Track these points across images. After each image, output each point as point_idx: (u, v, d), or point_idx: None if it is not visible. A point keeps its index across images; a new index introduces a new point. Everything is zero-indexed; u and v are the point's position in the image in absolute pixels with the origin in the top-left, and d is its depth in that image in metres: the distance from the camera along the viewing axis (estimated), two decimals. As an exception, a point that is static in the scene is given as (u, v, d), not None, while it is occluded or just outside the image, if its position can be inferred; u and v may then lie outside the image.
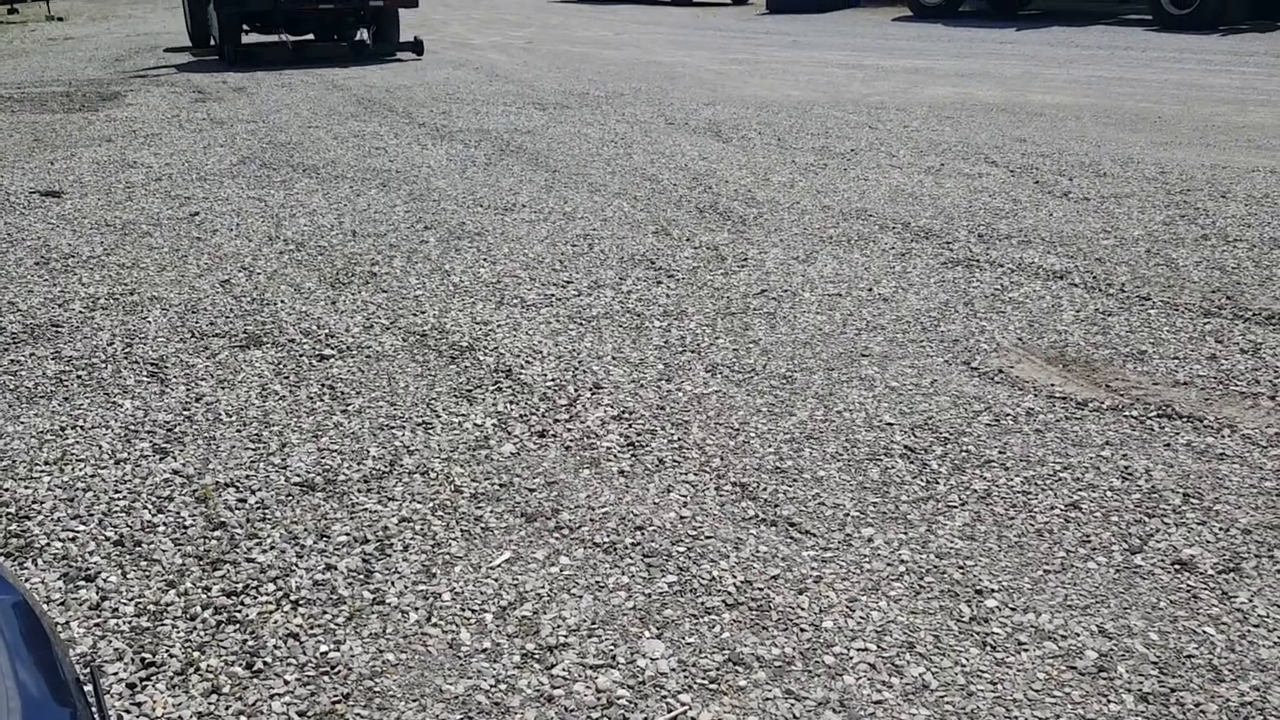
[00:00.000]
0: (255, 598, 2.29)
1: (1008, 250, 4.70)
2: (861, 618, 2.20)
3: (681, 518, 2.58)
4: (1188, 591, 2.28)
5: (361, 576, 2.36)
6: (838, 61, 12.53)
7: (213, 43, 14.13)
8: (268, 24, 13.03)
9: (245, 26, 13.12)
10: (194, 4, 14.55)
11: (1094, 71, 10.97)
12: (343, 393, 3.32)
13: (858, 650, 2.10)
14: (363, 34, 13.52)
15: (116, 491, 2.73)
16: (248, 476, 2.80)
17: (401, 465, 2.86)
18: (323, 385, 3.39)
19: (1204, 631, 2.15)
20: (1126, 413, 3.11)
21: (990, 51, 13.12)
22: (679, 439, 2.99)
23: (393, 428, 3.08)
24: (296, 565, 2.40)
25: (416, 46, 13.55)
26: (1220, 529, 2.51)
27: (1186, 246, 4.71)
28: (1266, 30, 14.86)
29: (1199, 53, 12.48)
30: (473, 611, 2.23)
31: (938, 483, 2.73)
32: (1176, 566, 2.36)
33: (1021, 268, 4.46)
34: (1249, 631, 2.14)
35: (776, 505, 2.64)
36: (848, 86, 10.24)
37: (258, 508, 2.65)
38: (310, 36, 13.40)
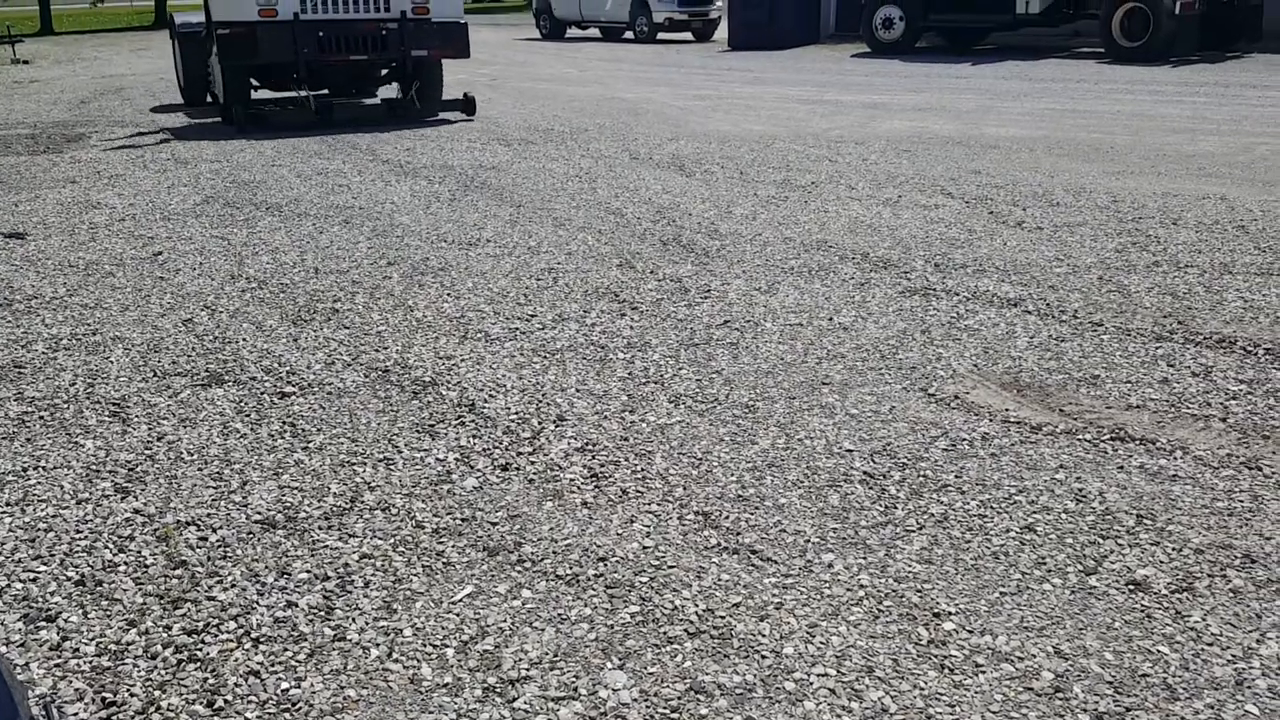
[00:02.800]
0: (216, 636, 2.28)
1: (963, 279, 4.78)
2: (822, 643, 2.22)
3: (644, 548, 2.60)
4: (1142, 611, 2.31)
5: (322, 613, 2.35)
6: (798, 97, 12.71)
7: (210, 99, 11.98)
8: (284, 78, 10.69)
9: (254, 81, 10.89)
10: (188, 52, 12.19)
11: (1047, 104, 11.19)
12: (304, 430, 3.32)
13: (818, 676, 2.12)
14: (396, 90, 11.31)
15: (78, 531, 2.72)
16: (209, 515, 2.79)
17: (362, 501, 2.86)
18: (284, 423, 3.38)
19: (1158, 651, 2.18)
20: (1080, 436, 3.17)
21: (946, 86, 13.35)
22: (642, 469, 3.01)
23: (354, 464, 3.08)
24: (257, 603, 2.39)
25: (467, 105, 11.06)
26: (1173, 549, 2.55)
27: (1138, 273, 4.81)
28: (1215, 61, 15.23)
29: (1150, 84, 12.76)
30: (434, 646, 2.23)
31: (896, 508, 2.77)
32: (1131, 587, 2.40)
33: (977, 296, 4.53)
34: (1202, 650, 2.18)
35: (739, 533, 2.66)
36: (808, 121, 10.39)
37: (219, 546, 2.64)
38: (325, 91, 11.17)
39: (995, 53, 17.96)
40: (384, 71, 11.22)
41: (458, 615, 2.34)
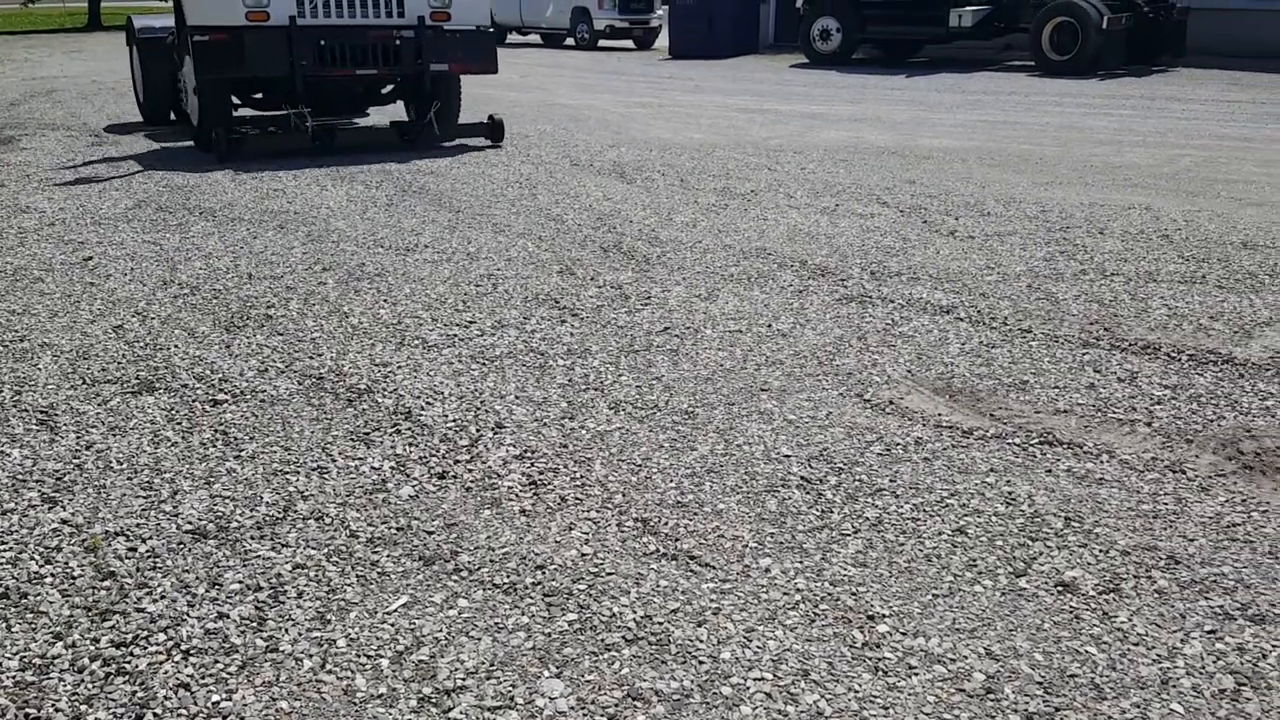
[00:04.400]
0: (145, 648, 2.23)
1: (898, 287, 4.86)
2: (758, 647, 2.23)
3: (583, 555, 2.60)
4: (1070, 612, 2.36)
5: (254, 624, 2.32)
6: (738, 106, 12.81)
7: (174, 117, 10.43)
8: (274, 95, 9.14)
9: (236, 98, 9.27)
10: (149, 62, 10.32)
11: (979, 116, 11.41)
12: (236, 438, 3.27)
13: (754, 680, 2.13)
14: (406, 111, 9.86)
15: (3, 543, 2.64)
16: (138, 525, 2.73)
17: (296, 511, 2.82)
18: (216, 431, 3.32)
19: (1086, 651, 2.23)
20: (1010, 440, 3.23)
21: (881, 97, 13.55)
22: (581, 476, 3.01)
23: (287, 473, 3.04)
24: (188, 614, 2.35)
25: (493, 129, 9.27)
26: (1100, 551, 2.61)
27: (1066, 281, 4.92)
28: (1141, 75, 15.65)
29: (1078, 96, 13.07)
30: (368, 657, 2.21)
31: (832, 512, 2.80)
32: (1059, 588, 2.46)
33: (911, 303, 4.61)
34: (1129, 650, 2.23)
35: (677, 539, 2.67)
36: (748, 130, 10.47)
37: (148, 556, 2.59)
38: (308, 110, 8.79)
39: (929, 65, 18.26)
40: (388, 88, 9.63)
41: (393, 625, 2.31)
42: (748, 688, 2.11)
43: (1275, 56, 17.07)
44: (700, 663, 2.18)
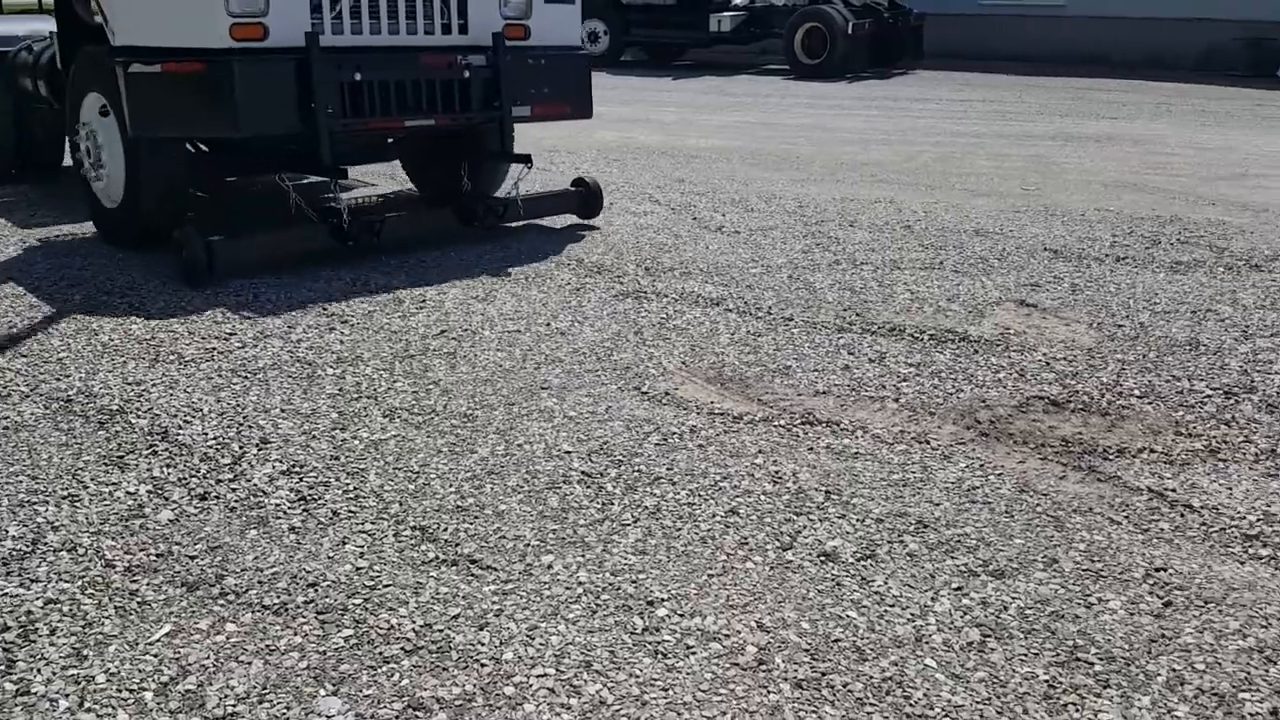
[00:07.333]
0: None
1: (671, 281, 5.00)
2: (541, 644, 2.25)
3: (358, 569, 2.54)
4: (833, 580, 2.51)
5: (3, 667, 2.14)
6: (509, 106, 12.77)
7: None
8: (271, 160, 6.01)
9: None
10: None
11: (741, 117, 11.87)
12: (-29, 471, 3.00)
13: (537, 677, 2.15)
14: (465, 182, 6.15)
15: None
16: None
17: (45, 543, 2.62)
18: (-54, 465, 3.04)
19: (848, 616, 2.37)
20: (775, 422, 3.40)
21: (650, 99, 13.86)
22: (355, 488, 2.94)
23: (34, 503, 2.82)
24: (-82, 667, 2.14)
25: (585, 201, 6.19)
26: (858, 520, 2.78)
27: (822, 271, 5.21)
28: (885, 77, 16.72)
29: (829, 98, 13.82)
30: (130, 691, 2.08)
31: (612, 504, 2.86)
32: (822, 558, 2.60)
33: (683, 297, 4.75)
34: (886, 612, 2.38)
35: (457, 544, 2.65)
36: (522, 131, 10.46)
37: None
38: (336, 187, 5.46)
39: (694, 68, 18.83)
40: (446, 149, 6.45)
41: (156, 656, 2.19)
42: (530, 685, 2.12)
43: (1001, 59, 18.63)
44: (482, 665, 2.18)
